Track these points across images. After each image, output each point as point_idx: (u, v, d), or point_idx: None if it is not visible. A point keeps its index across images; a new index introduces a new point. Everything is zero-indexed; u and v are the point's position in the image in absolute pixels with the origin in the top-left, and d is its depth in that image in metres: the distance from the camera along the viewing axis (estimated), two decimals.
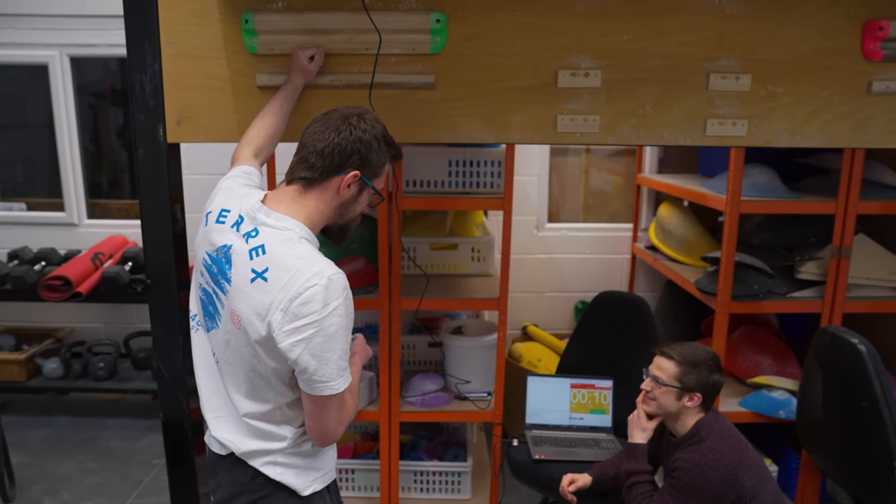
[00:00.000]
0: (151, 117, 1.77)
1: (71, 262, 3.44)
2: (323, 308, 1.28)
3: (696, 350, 1.97)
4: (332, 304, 1.29)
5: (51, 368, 3.59)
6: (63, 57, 3.60)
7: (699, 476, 1.84)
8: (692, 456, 1.88)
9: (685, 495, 1.86)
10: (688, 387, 1.93)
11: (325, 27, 1.70)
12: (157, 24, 1.72)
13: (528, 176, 3.71)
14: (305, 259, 1.33)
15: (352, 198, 1.44)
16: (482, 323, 3.03)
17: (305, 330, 1.29)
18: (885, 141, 1.80)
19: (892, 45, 1.70)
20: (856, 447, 2.16)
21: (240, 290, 1.35)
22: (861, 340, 2.10)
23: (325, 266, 1.32)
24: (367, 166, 1.42)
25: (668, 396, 1.95)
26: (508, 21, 1.71)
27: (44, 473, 3.15)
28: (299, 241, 1.37)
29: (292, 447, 1.45)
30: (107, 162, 4.00)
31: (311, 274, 1.29)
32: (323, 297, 1.28)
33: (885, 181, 2.60)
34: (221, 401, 1.50)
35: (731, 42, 1.73)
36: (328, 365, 1.31)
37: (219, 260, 1.40)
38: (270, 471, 1.45)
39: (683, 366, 1.94)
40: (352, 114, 1.42)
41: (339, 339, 1.32)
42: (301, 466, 1.47)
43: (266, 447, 1.44)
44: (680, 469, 1.88)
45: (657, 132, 1.77)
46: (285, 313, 1.29)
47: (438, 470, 2.81)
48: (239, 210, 1.43)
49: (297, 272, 1.30)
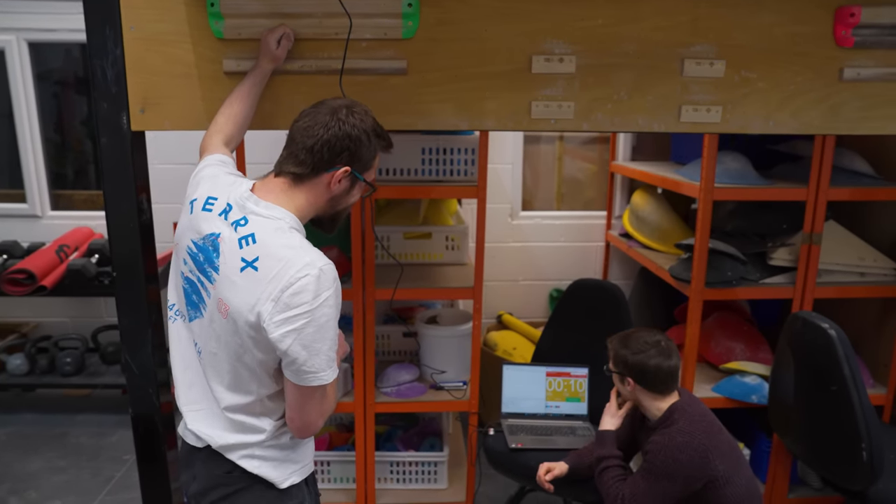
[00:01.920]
0: (114, 104, 1.70)
1: (34, 254, 3.34)
2: (314, 298, 1.27)
3: (633, 335, 2.04)
4: (324, 294, 1.28)
5: (15, 364, 3.49)
6: (21, 42, 3.48)
7: (668, 458, 1.86)
8: (662, 439, 1.90)
9: (655, 477, 1.88)
10: (621, 372, 2.01)
11: (294, 10, 1.65)
12: (118, 7, 1.65)
13: (502, 164, 3.69)
14: (297, 249, 1.31)
15: (343, 191, 1.43)
16: (457, 312, 3.02)
17: (297, 320, 1.27)
18: (856, 127, 1.81)
19: (863, 32, 1.70)
20: (826, 430, 2.19)
21: (228, 279, 1.32)
22: (831, 325, 2.12)
23: (317, 256, 1.30)
24: (358, 161, 1.40)
25: (618, 383, 2.06)
26: (482, 5, 1.68)
27: (10, 472, 3.06)
28: (290, 230, 1.35)
29: (271, 440, 1.42)
30: (72, 152, 3.88)
31: (302, 264, 1.28)
32: (315, 287, 1.27)
33: (854, 168, 2.64)
34: (201, 392, 1.47)
35: (706, 27, 1.72)
36: (318, 356, 1.30)
37: (205, 248, 1.37)
38: (248, 464, 1.42)
39: (614, 352, 2.03)
40: (340, 107, 1.39)
41: (330, 330, 1.31)
42: (279, 459, 1.45)
43: (244, 440, 1.42)
44: (651, 451, 1.90)
45: (632, 119, 1.76)
46: (276, 303, 1.27)
47: (414, 460, 2.80)
48: (227, 198, 1.40)
49: (288, 262, 1.28)
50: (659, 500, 1.88)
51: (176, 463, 1.95)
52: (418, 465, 2.81)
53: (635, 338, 2.02)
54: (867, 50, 1.74)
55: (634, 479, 1.94)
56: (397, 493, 2.81)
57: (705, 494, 1.88)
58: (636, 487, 1.91)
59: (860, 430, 2.05)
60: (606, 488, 1.99)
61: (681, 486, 1.87)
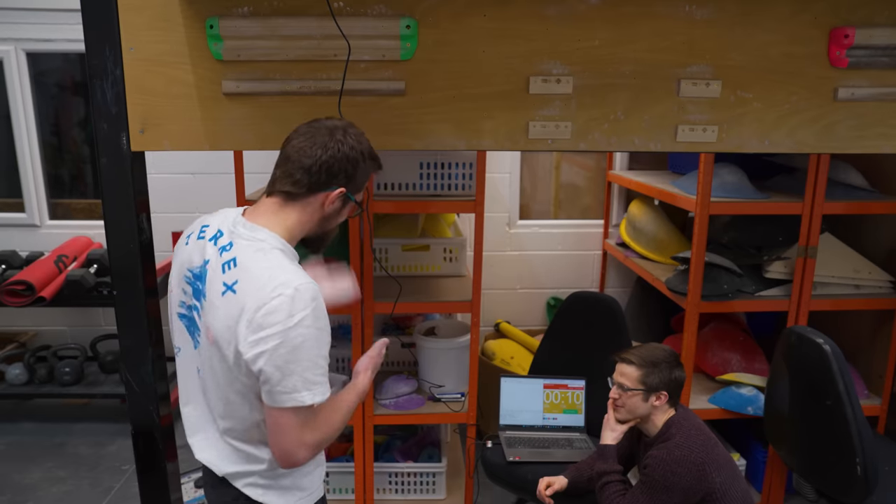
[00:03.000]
0: (114, 125, 1.71)
1: (33, 265, 3.34)
2: (288, 318, 1.25)
3: (654, 350, 2.02)
4: (298, 314, 1.25)
5: (14, 374, 3.50)
6: (19, 52, 3.49)
7: (667, 472, 1.87)
8: (661, 453, 1.91)
9: (655, 491, 1.89)
10: (652, 387, 1.97)
11: (293, 33, 1.67)
12: (118, 28, 1.66)
13: (500, 173, 3.71)
14: (274, 269, 1.30)
15: (334, 212, 1.43)
16: (455, 323, 3.03)
17: (269, 341, 1.25)
18: (851, 146, 1.83)
19: (857, 53, 1.72)
20: (820, 443, 2.21)
21: (212, 305, 1.33)
22: (826, 341, 2.14)
23: (294, 276, 1.29)
24: (353, 182, 1.41)
25: (635, 400, 1.99)
26: (479, 26, 1.69)
27: (9, 483, 3.07)
28: (271, 251, 1.34)
29: (270, 469, 1.43)
30: (68, 154, 3.87)
31: (277, 283, 1.26)
32: (288, 307, 1.25)
33: (849, 181, 2.66)
34: (204, 419, 1.48)
35: (702, 48, 1.73)
36: (292, 376, 1.27)
37: (199, 275, 1.39)
38: (252, 492, 1.43)
39: (644, 368, 1.98)
40: (337, 128, 1.40)
41: (307, 351, 1.28)
42: (284, 487, 1.45)
43: (246, 469, 1.43)
44: (650, 466, 1.91)
45: (628, 138, 1.77)
46: (250, 324, 1.26)
47: (413, 471, 2.81)
48: (219, 225, 1.42)
49: (264, 283, 1.27)
50: None
51: (176, 475, 1.98)
52: (417, 476, 2.82)
53: (658, 352, 2.00)
54: (861, 70, 1.76)
55: (634, 493, 1.96)
56: (396, 503, 2.83)
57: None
58: (636, 501, 1.93)
59: (854, 444, 2.07)
60: (608, 503, 2.01)
61: (679, 499, 1.89)
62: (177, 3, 1.68)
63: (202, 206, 3.64)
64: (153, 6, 1.67)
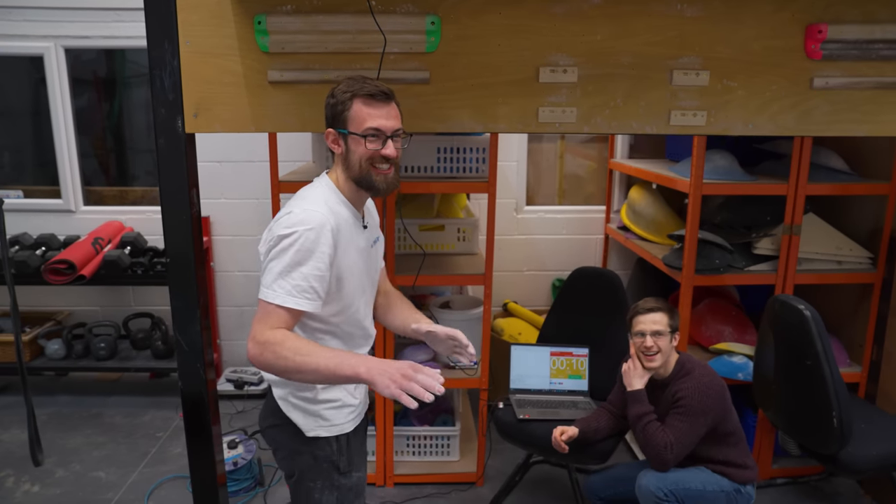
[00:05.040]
0: (171, 110, 1.93)
1: (72, 246, 3.57)
2: (284, 229, 1.55)
3: (658, 299, 2.29)
4: (294, 229, 1.55)
5: (53, 349, 3.73)
6: (58, 48, 3.71)
7: (703, 397, 2.15)
8: (691, 384, 2.18)
9: (693, 416, 2.15)
10: (675, 328, 2.25)
11: (331, 28, 1.88)
12: (176, 24, 1.88)
13: (508, 161, 3.92)
14: (297, 198, 1.65)
15: (345, 150, 1.71)
16: (467, 298, 3.26)
17: (267, 242, 1.59)
18: (826, 130, 2.04)
19: (830, 47, 1.93)
20: (802, 401, 2.43)
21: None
22: (806, 306, 2.36)
23: (311, 203, 1.61)
24: (335, 119, 1.70)
25: (667, 343, 2.24)
26: (495, 23, 1.91)
27: (53, 447, 3.31)
28: (314, 186, 1.69)
29: (299, 390, 1.70)
30: (98, 147, 4.10)
31: (293, 205, 1.60)
32: (286, 221, 1.56)
33: (831, 165, 2.87)
34: None
35: (692, 42, 1.94)
36: (268, 273, 1.56)
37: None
38: (284, 405, 1.72)
39: (668, 312, 2.24)
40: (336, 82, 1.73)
41: (288, 258, 1.54)
42: (307, 411, 1.72)
43: (281, 383, 1.71)
44: (684, 397, 2.16)
45: (627, 122, 1.98)
46: (268, 231, 1.61)
47: (429, 434, 3.04)
48: None
49: (288, 204, 1.63)
50: (696, 436, 2.16)
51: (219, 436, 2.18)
52: (432, 439, 3.05)
53: (663, 301, 2.28)
54: (834, 62, 1.97)
55: (673, 424, 2.19)
56: (413, 464, 3.06)
57: (721, 424, 2.20)
58: (678, 431, 2.16)
59: (831, 399, 2.29)
60: (653, 439, 2.19)
61: (710, 419, 2.16)
62: (228, 2, 1.90)
63: (228, 191, 3.88)
64: (207, 5, 1.89)
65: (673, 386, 2.21)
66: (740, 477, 2.21)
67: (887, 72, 1.99)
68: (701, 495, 2.18)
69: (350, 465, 1.81)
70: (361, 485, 1.87)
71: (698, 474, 2.21)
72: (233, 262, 4.00)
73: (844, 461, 2.36)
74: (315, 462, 1.75)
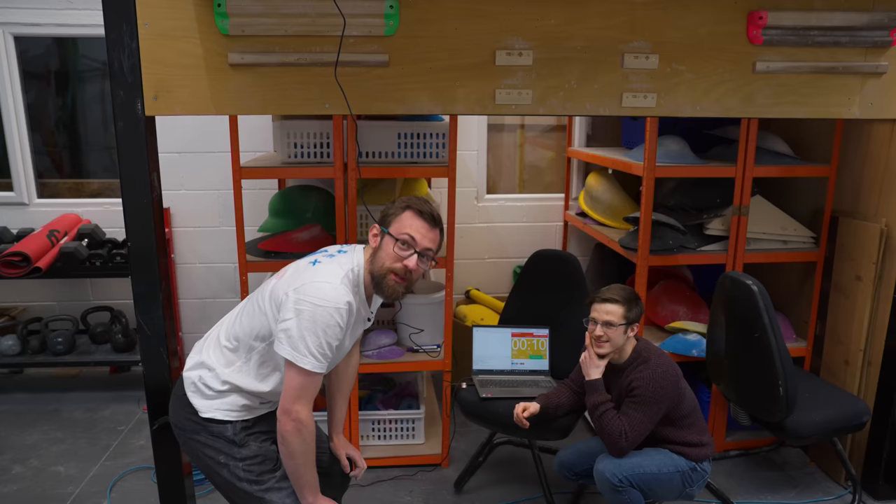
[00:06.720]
0: (130, 93, 1.93)
1: (27, 238, 3.50)
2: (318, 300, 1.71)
3: (623, 289, 2.34)
4: (325, 304, 1.70)
5: (7, 345, 3.64)
6: (7, 36, 3.62)
7: (656, 387, 2.21)
8: (646, 374, 2.23)
9: (647, 405, 2.22)
10: (631, 320, 2.28)
11: (291, 11, 1.90)
12: (134, 6, 1.88)
13: (468, 151, 3.98)
14: (334, 263, 1.82)
15: (378, 247, 1.82)
16: (429, 283, 3.30)
17: (295, 303, 1.73)
18: (769, 112, 2.15)
19: (770, 32, 2.03)
20: (751, 373, 2.55)
21: None
22: (754, 281, 2.47)
23: (341, 282, 1.75)
24: (384, 219, 1.85)
25: (619, 334, 2.27)
26: (453, 7, 1.96)
27: (9, 444, 3.24)
28: (347, 261, 1.83)
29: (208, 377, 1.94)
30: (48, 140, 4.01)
31: (326, 274, 1.76)
32: (319, 293, 1.71)
33: (776, 149, 3.00)
34: None
35: (642, 27, 2.02)
36: (299, 340, 1.70)
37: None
38: (187, 384, 1.97)
39: (626, 304, 2.28)
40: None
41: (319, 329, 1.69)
42: (207, 396, 1.91)
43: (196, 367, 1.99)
44: (639, 386, 2.23)
45: (581, 104, 2.06)
46: (293, 290, 1.75)
47: (394, 418, 3.08)
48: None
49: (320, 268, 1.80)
50: (651, 423, 2.23)
51: None
52: (397, 423, 3.09)
53: (627, 291, 2.32)
54: (774, 47, 2.08)
55: (627, 413, 2.25)
56: (379, 448, 3.09)
57: (676, 408, 2.28)
58: (632, 419, 2.23)
59: (777, 369, 2.41)
60: (609, 427, 2.25)
61: (664, 407, 2.24)
62: None
63: (188, 182, 3.85)
64: None
65: (629, 374, 2.28)
66: (697, 455, 2.29)
67: (823, 57, 2.11)
68: (656, 478, 2.25)
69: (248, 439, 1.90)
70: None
71: (655, 456, 2.28)
72: (194, 253, 3.97)
73: (790, 428, 2.48)
74: (211, 437, 1.88)
